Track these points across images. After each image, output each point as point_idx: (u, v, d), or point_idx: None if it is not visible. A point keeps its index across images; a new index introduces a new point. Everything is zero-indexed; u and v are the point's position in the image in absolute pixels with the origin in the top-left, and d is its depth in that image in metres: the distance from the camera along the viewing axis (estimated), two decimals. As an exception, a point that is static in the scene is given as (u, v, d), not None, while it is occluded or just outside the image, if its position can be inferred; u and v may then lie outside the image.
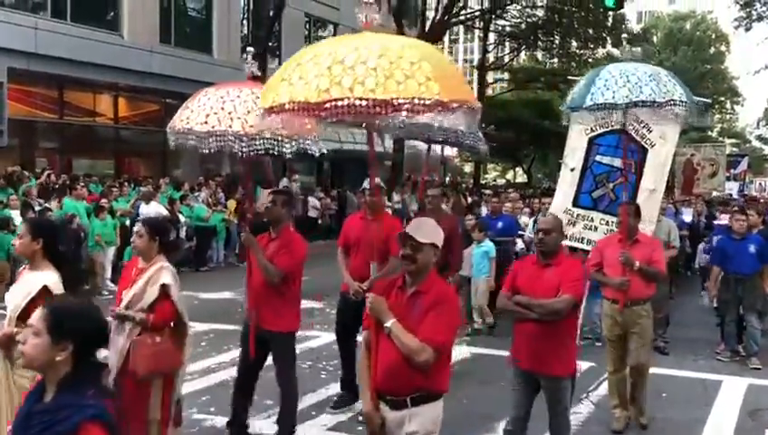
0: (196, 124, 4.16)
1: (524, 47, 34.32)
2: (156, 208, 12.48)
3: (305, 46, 3.19)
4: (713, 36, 55.58)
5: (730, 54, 56.75)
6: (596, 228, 7.88)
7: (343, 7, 23.97)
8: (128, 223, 11.87)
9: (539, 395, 4.14)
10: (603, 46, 31.03)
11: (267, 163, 17.06)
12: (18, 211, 10.10)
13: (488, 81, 34.52)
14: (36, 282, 3.50)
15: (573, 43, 31.47)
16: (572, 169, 8.23)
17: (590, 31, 29.38)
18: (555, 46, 32.30)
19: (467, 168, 44.21)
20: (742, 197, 21.40)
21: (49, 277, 3.52)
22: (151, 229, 4.04)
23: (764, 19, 28.98)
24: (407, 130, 5.53)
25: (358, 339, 3.94)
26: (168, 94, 17.35)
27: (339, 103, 2.65)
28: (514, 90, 37.07)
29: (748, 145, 56.85)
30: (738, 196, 21.82)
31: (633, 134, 7.65)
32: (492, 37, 33.48)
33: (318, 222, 19.79)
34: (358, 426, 5.13)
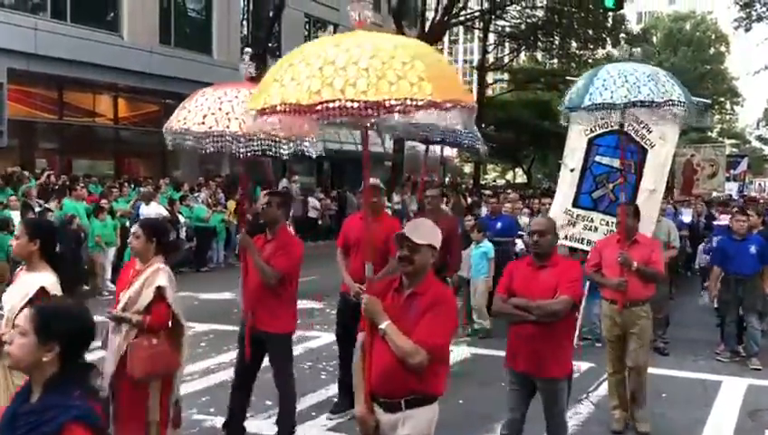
0: (193, 124, 4.14)
1: (524, 48, 34.37)
2: (156, 209, 12.49)
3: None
4: (712, 37, 55.57)
5: (730, 55, 56.72)
6: (596, 229, 7.89)
7: (343, 8, 23.79)
8: (128, 224, 11.86)
9: (535, 398, 4.10)
10: (603, 47, 31.06)
11: (267, 164, 17.06)
12: (18, 212, 10.08)
13: (488, 81, 34.53)
14: (33, 283, 3.47)
15: (573, 44, 31.49)
16: (572, 170, 8.23)
17: (590, 31, 29.41)
18: (555, 47, 32.31)
19: (467, 168, 44.21)
20: (741, 197, 21.39)
21: (46, 278, 3.50)
22: (148, 231, 4.01)
23: (764, 20, 28.98)
24: (405, 131, 5.53)
25: (358, 340, 3.92)
26: (168, 95, 17.35)
27: (330, 105, 2.61)
28: (514, 90, 37.11)
29: (748, 145, 56.84)
30: (738, 196, 21.80)
31: (633, 135, 7.66)
32: (492, 38, 33.53)
33: (318, 223, 19.81)
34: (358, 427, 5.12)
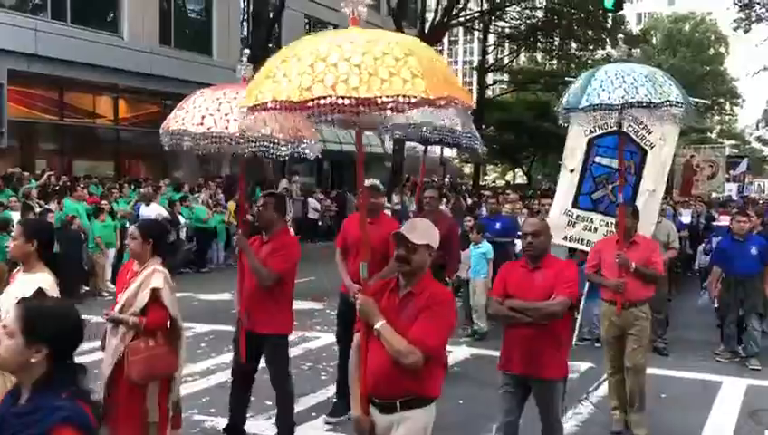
0: (191, 125, 4.11)
1: (524, 49, 34.37)
2: (156, 210, 12.49)
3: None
4: (712, 38, 55.51)
5: (729, 56, 56.65)
6: (596, 230, 7.90)
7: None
8: (128, 224, 11.85)
9: (529, 400, 4.07)
10: (603, 48, 31.02)
11: (267, 165, 17.05)
12: (18, 213, 10.08)
13: (488, 82, 34.53)
14: (31, 284, 3.41)
15: (573, 45, 31.49)
16: (572, 171, 8.24)
17: (590, 32, 29.39)
18: (555, 48, 32.34)
19: (467, 169, 44.18)
20: (741, 198, 21.39)
21: (44, 279, 3.47)
22: (144, 232, 3.98)
23: (763, 20, 28.96)
24: (403, 131, 5.51)
25: (354, 341, 3.91)
26: (168, 96, 17.36)
27: (321, 102, 2.56)
28: (514, 91, 37.09)
29: (747, 146, 56.74)
30: (737, 197, 21.80)
31: (633, 135, 7.66)
32: (491, 39, 33.53)
33: (318, 223, 19.81)
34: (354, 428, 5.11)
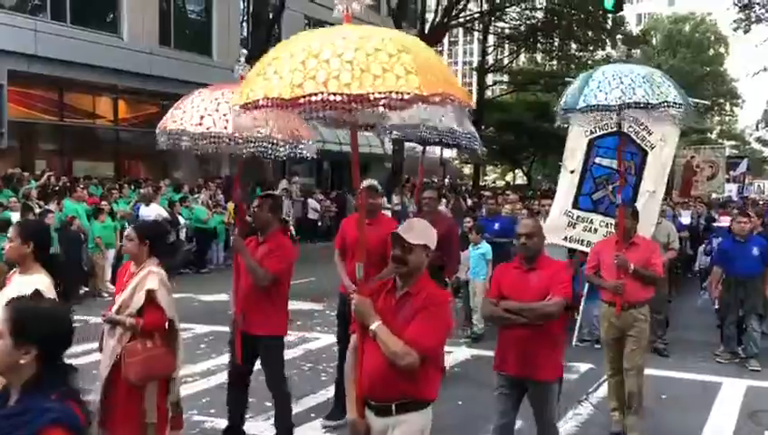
0: (190, 125, 4.10)
1: (524, 49, 34.36)
2: (156, 210, 12.48)
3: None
4: (712, 38, 55.50)
5: (729, 56, 56.64)
6: (596, 230, 7.89)
7: (343, 9, 23.96)
8: (127, 225, 11.84)
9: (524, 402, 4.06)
10: (603, 48, 31.05)
11: (266, 165, 17.04)
12: (18, 213, 10.07)
13: (488, 83, 34.55)
14: (27, 286, 3.38)
15: (572, 46, 31.50)
16: (572, 172, 8.24)
17: (590, 33, 29.41)
18: (554, 48, 32.35)
19: (467, 170, 44.18)
20: (741, 199, 21.38)
21: (40, 281, 3.45)
22: (140, 234, 3.97)
23: (763, 21, 28.94)
24: (401, 131, 5.50)
25: (351, 342, 3.91)
26: (168, 96, 17.26)
27: (313, 99, 2.52)
28: (514, 92, 37.09)
29: (747, 147, 56.72)
30: (737, 198, 21.80)
31: (633, 136, 7.66)
32: (491, 39, 33.54)
33: (318, 224, 19.80)
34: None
